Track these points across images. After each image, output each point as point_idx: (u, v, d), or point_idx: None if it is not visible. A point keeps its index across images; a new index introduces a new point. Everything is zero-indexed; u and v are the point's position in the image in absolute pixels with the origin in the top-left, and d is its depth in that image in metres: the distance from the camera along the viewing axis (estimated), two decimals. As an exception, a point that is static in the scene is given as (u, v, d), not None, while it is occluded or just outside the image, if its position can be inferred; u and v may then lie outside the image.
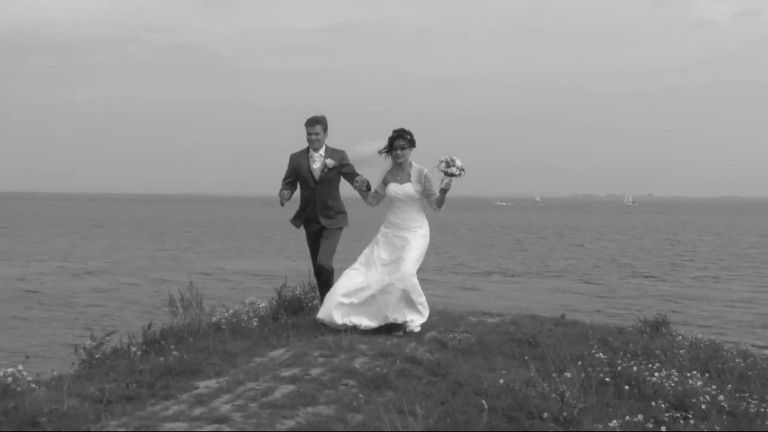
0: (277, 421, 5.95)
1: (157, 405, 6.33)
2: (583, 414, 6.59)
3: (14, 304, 32.61)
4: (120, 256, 55.97)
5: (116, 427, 5.77)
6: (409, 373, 7.42)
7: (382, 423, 5.68)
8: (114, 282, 40.54)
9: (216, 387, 6.80)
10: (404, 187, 9.55)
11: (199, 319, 9.38)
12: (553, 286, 41.30)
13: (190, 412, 6.15)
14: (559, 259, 58.01)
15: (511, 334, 9.45)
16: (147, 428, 5.75)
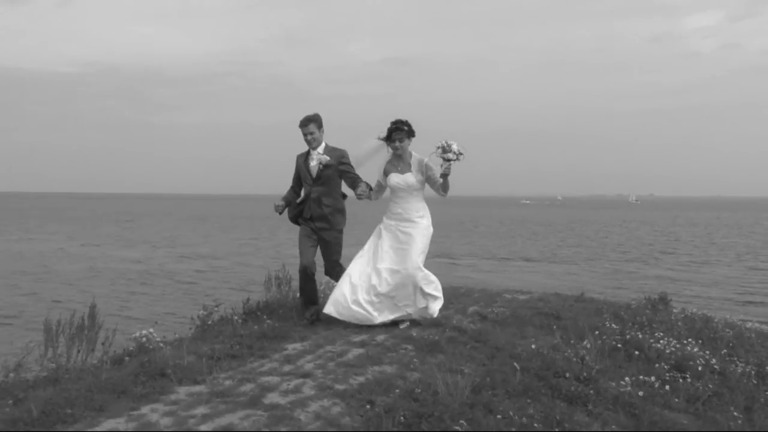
0: (350, 377, 6.01)
1: (255, 362, 6.42)
2: (600, 374, 6.59)
3: (139, 281, 33.09)
4: (221, 244, 56.46)
5: (223, 379, 5.87)
6: (456, 339, 7.44)
7: (435, 380, 5.71)
8: (216, 265, 40.95)
9: (301, 349, 6.89)
10: (405, 177, 8.27)
11: (287, 295, 9.48)
12: (569, 270, 41.15)
13: (281, 369, 6.24)
14: (573, 247, 57.71)
15: (539, 308, 9.42)
16: (249, 380, 5.85)
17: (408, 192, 8.27)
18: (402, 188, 8.27)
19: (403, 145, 8.23)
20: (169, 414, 4.97)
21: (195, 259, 43.95)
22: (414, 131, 8.30)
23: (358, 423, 5.01)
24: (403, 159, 8.31)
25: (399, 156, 8.30)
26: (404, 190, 8.26)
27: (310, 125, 8.41)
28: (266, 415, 5.02)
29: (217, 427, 4.72)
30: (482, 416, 5.17)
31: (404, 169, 8.28)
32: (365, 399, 5.45)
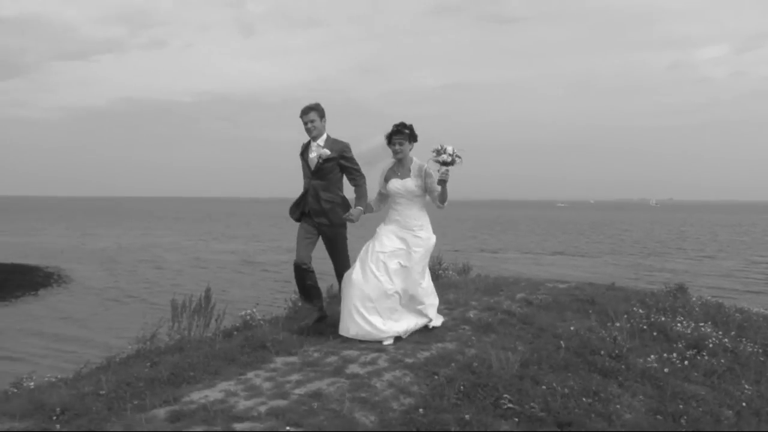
0: (418, 352, 6.00)
1: (338, 338, 6.45)
2: (629, 351, 6.53)
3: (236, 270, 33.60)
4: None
5: (312, 352, 5.92)
6: (507, 321, 7.38)
7: (489, 355, 5.70)
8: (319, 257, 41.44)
9: (376, 328, 6.91)
10: (405, 183, 6.82)
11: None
12: (598, 262, 40.93)
13: (359, 344, 6.24)
14: (601, 243, 57.35)
15: (576, 295, 9.32)
16: (333, 353, 5.90)
17: (408, 199, 6.85)
18: (401, 194, 6.85)
19: (404, 149, 6.83)
20: (270, 379, 5.04)
21: (281, 252, 44.43)
22: (416, 135, 6.92)
23: (425, 390, 5.02)
24: (403, 164, 6.92)
25: (400, 161, 6.92)
26: (404, 196, 6.85)
27: (311, 113, 6.90)
28: (348, 382, 5.05)
29: (308, 391, 4.77)
30: (530, 387, 5.15)
31: (404, 174, 6.87)
32: (430, 370, 5.46)
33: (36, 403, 4.40)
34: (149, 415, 4.21)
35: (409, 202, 6.85)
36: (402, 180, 6.85)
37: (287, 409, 4.36)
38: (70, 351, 18.47)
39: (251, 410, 4.34)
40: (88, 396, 4.54)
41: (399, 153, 6.83)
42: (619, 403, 5.21)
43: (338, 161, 6.95)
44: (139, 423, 4.03)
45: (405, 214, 6.84)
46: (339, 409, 4.43)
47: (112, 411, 4.26)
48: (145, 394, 4.54)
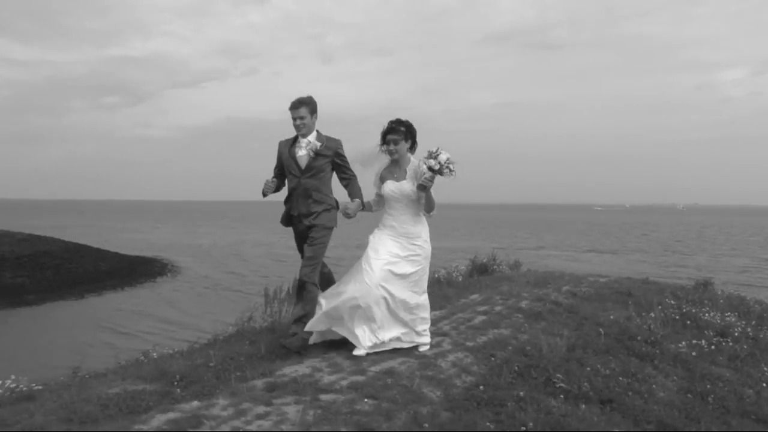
0: (477, 337, 5.95)
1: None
2: (663, 338, 6.41)
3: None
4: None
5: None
6: (554, 311, 7.28)
7: (539, 340, 5.62)
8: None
9: (439, 315, 6.83)
10: (401, 185, 5.37)
11: (429, 275, 9.45)
12: (631, 259, 40.23)
13: (427, 328, 6.23)
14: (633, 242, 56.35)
15: (615, 288, 9.18)
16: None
17: (404, 203, 5.40)
18: (397, 198, 5.41)
19: (399, 148, 5.34)
20: (349, 358, 5.04)
21: (350, 249, 44.71)
22: (414, 134, 5.42)
23: (484, 370, 4.96)
24: (400, 165, 5.45)
25: (396, 162, 5.46)
26: (400, 200, 5.41)
27: (302, 108, 5.45)
28: (417, 362, 5.01)
29: (382, 368, 4.75)
30: (576, 368, 5.06)
31: (401, 176, 5.42)
32: (488, 353, 5.40)
33: (161, 370, 4.51)
34: (249, 384, 4.26)
35: (406, 207, 5.41)
36: (398, 182, 5.41)
37: (365, 383, 4.36)
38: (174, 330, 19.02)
39: (334, 384, 4.35)
40: (200, 367, 4.63)
41: (394, 153, 5.36)
42: (654, 383, 5.14)
43: (332, 159, 5.54)
44: (242, 391, 4.09)
45: (401, 219, 5.41)
46: (409, 384, 4.41)
47: (220, 380, 4.33)
48: (246, 367, 4.60)
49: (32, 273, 26.29)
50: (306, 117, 5.43)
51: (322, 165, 5.48)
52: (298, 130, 5.48)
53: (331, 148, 5.53)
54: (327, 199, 5.52)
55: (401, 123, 5.34)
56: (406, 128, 5.34)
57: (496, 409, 4.15)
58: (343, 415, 3.73)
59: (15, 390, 4.53)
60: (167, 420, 3.59)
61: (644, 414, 4.43)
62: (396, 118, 5.35)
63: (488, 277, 10.20)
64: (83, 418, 3.61)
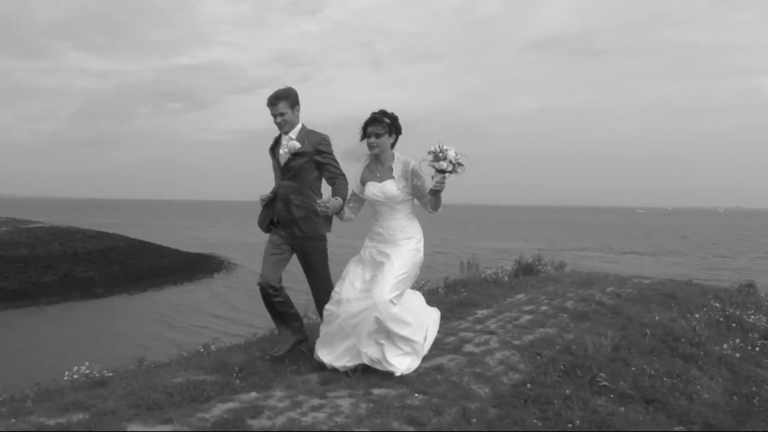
0: (523, 335, 5.88)
1: (455, 321, 6.37)
2: (707, 340, 6.26)
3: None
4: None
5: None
6: (599, 311, 7.15)
7: (585, 340, 5.52)
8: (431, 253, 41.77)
9: (487, 314, 6.78)
10: (384, 186, 4.50)
11: (476, 275, 9.40)
12: (673, 261, 39.36)
13: (474, 327, 6.17)
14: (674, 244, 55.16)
15: (659, 290, 8.96)
16: (451, 334, 5.81)
17: (389, 206, 4.53)
18: (380, 201, 4.53)
19: (381, 142, 4.47)
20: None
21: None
22: (399, 128, 4.56)
23: (530, 368, 4.90)
24: (382, 162, 4.56)
25: (377, 158, 4.57)
26: (384, 203, 4.53)
27: (280, 104, 4.57)
28: (465, 359, 4.98)
29: (432, 365, 4.72)
30: (621, 368, 4.98)
31: (384, 175, 4.54)
32: (535, 351, 5.33)
33: (221, 362, 4.57)
34: (304, 378, 4.29)
35: (392, 210, 4.54)
36: (381, 183, 4.53)
37: (415, 379, 4.34)
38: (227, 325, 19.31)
39: (385, 379, 4.32)
40: (257, 360, 4.67)
41: (375, 147, 4.50)
42: (699, 385, 5.03)
43: (312, 157, 4.63)
44: (297, 384, 4.11)
45: (387, 225, 4.55)
46: (458, 381, 4.38)
47: (276, 373, 4.36)
48: (301, 361, 4.62)
49: (101, 267, 27.03)
50: (287, 112, 4.59)
51: (302, 165, 4.62)
52: (280, 128, 4.68)
53: (311, 144, 4.62)
54: (310, 204, 4.60)
55: (385, 114, 4.50)
56: (390, 120, 4.50)
57: (543, 406, 4.09)
58: (395, 409, 3.72)
59: (89, 376, 4.66)
60: (227, 409, 3.64)
61: (690, 415, 4.33)
62: (380, 109, 4.53)
63: (533, 277, 10.08)
64: (150, 405, 3.69)
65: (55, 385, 4.68)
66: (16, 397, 4.25)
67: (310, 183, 4.67)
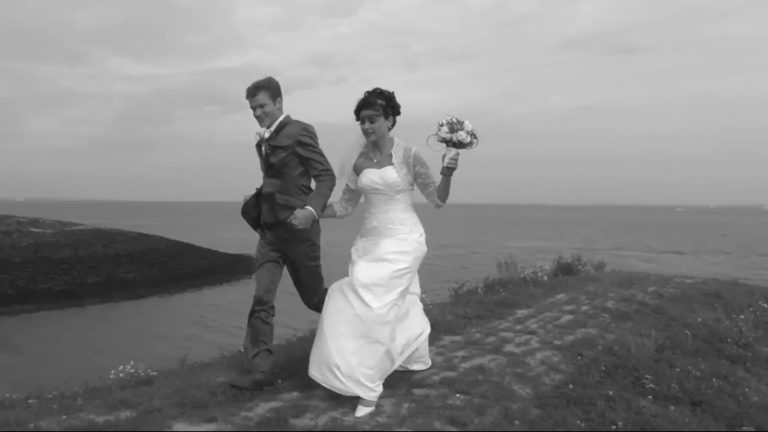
0: (564, 335, 5.81)
1: (495, 321, 6.33)
2: (755, 341, 6.09)
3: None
4: (457, 236, 57.00)
5: (474, 332, 5.83)
6: (641, 311, 7.02)
7: (627, 340, 5.43)
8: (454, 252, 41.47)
9: (527, 314, 6.72)
10: (384, 173, 3.92)
11: (514, 275, 9.31)
12: (714, 260, 38.50)
13: (514, 327, 6.12)
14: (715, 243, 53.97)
15: (702, 289, 8.76)
16: (492, 334, 5.77)
17: (388, 196, 3.95)
18: (378, 190, 3.95)
19: (376, 126, 3.91)
20: (440, 354, 5.00)
21: (437, 248, 44.63)
22: (398, 108, 3.99)
23: (572, 369, 4.84)
24: (380, 148, 4.01)
25: (375, 144, 4.01)
26: (382, 192, 3.95)
27: (259, 95, 4.07)
28: (506, 359, 4.94)
29: (473, 365, 4.70)
30: (665, 369, 4.86)
31: (384, 161, 3.98)
32: (576, 351, 5.27)
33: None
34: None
35: (390, 200, 3.97)
36: (380, 169, 3.96)
37: (456, 379, 4.32)
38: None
39: (427, 379, 4.33)
40: (299, 360, 4.68)
41: (371, 133, 3.94)
42: (747, 387, 4.88)
43: (294, 150, 4.08)
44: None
45: (384, 218, 3.97)
46: (499, 381, 4.35)
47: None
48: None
49: (142, 269, 27.50)
50: (267, 104, 4.10)
51: (282, 160, 4.10)
52: (260, 122, 4.16)
53: (290, 136, 4.08)
54: (296, 202, 4.10)
55: (379, 94, 3.92)
56: (385, 100, 3.93)
57: (586, 407, 4.03)
58: (436, 409, 3.71)
59: (134, 374, 4.74)
60: (270, 408, 3.67)
61: (739, 417, 4.22)
62: (374, 88, 3.96)
63: (573, 277, 9.95)
64: (195, 404, 3.73)
65: (102, 383, 4.77)
66: (65, 394, 4.34)
67: (294, 179, 4.14)
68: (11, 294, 22.56)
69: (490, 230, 70.38)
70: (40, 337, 17.71)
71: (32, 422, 3.47)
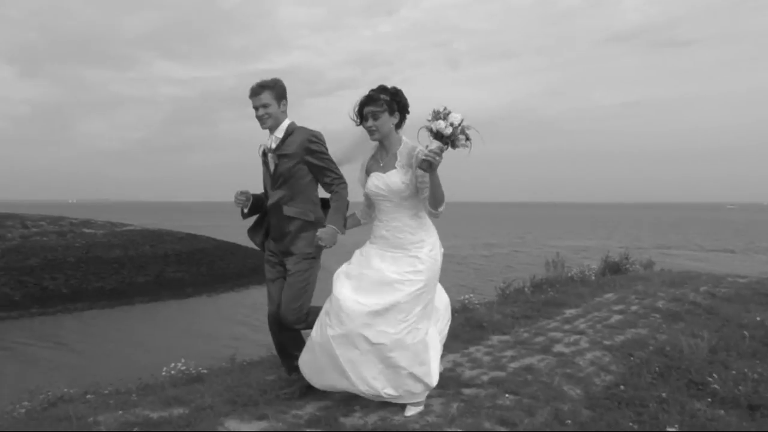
0: (614, 336, 5.72)
1: (543, 321, 6.27)
2: (817, 341, 5.85)
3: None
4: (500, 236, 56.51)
5: (522, 332, 5.77)
6: (693, 311, 6.85)
7: (679, 341, 5.30)
8: (497, 252, 41.08)
9: (575, 313, 6.64)
10: (388, 178, 3.59)
11: (562, 274, 9.20)
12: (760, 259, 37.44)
13: (562, 327, 6.05)
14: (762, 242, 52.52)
15: (757, 289, 8.49)
16: (540, 334, 5.71)
17: (394, 203, 3.61)
18: (384, 195, 3.63)
19: (379, 124, 3.57)
20: (488, 354, 4.97)
21: (478, 248, 44.28)
22: (404, 103, 3.62)
23: (623, 369, 4.75)
24: (386, 148, 3.67)
25: (383, 145, 3.68)
26: (388, 198, 3.62)
27: (264, 93, 3.77)
28: (555, 359, 4.88)
29: (521, 365, 4.67)
30: (720, 371, 4.71)
31: (388, 164, 3.64)
32: (626, 352, 5.17)
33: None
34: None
35: (397, 208, 3.62)
36: (384, 173, 3.63)
37: (505, 379, 4.29)
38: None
39: (475, 379, 4.31)
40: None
41: (375, 132, 3.61)
42: (810, 391, 4.66)
43: (303, 158, 3.79)
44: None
45: (393, 226, 3.63)
46: (549, 381, 4.29)
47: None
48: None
49: (189, 268, 27.97)
50: (271, 105, 3.80)
51: (290, 169, 3.80)
52: (262, 123, 3.86)
53: (297, 143, 3.79)
54: (305, 214, 3.83)
55: (383, 90, 3.60)
56: (390, 95, 3.58)
57: (638, 409, 3.95)
58: (486, 409, 3.69)
59: (185, 372, 4.82)
60: (320, 407, 3.69)
61: (800, 422, 4.07)
62: (378, 85, 3.64)
63: (621, 276, 9.78)
64: (245, 401, 3.78)
65: (154, 380, 4.85)
66: (120, 390, 4.44)
67: (304, 189, 3.85)
68: (65, 293, 23.21)
69: (534, 229, 69.58)
70: (93, 335, 18.18)
71: (91, 416, 3.57)
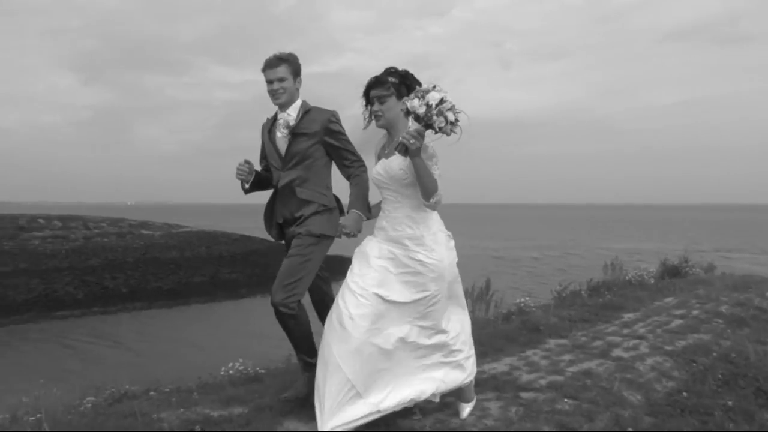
0: (675, 341, 5.56)
1: (601, 325, 6.16)
2: None
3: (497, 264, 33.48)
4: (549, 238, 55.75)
5: (580, 336, 5.68)
6: (759, 317, 6.62)
7: (745, 348, 5.12)
8: (548, 254, 40.53)
9: (634, 318, 6.50)
10: (388, 164, 3.23)
11: (619, 277, 9.00)
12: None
13: (621, 331, 5.93)
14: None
15: (822, 293, 8.18)
16: (598, 338, 5.61)
17: (395, 191, 3.25)
18: (385, 183, 3.29)
19: (385, 108, 3.24)
20: (545, 357, 4.91)
21: (529, 249, 43.73)
22: (417, 83, 3.21)
23: (685, 376, 4.62)
24: (393, 136, 3.34)
25: (388, 131, 3.36)
26: (390, 187, 3.27)
27: (281, 67, 3.50)
28: (614, 364, 4.78)
29: (580, 369, 4.59)
30: (791, 380, 4.55)
31: (393, 150, 3.22)
32: (688, 358, 5.02)
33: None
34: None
35: (399, 197, 3.26)
36: (387, 160, 3.30)
37: (563, 383, 4.22)
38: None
39: (533, 382, 4.25)
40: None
41: (380, 116, 3.27)
42: None
43: (322, 138, 3.53)
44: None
45: (393, 217, 3.28)
46: (608, 386, 4.21)
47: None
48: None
49: (243, 269, 28.45)
50: (287, 79, 3.53)
51: (307, 149, 3.53)
52: (275, 98, 3.57)
53: (317, 122, 3.53)
54: (319, 197, 3.56)
55: (392, 72, 3.27)
56: (399, 79, 3.26)
57: (702, 417, 3.83)
58: (545, 414, 3.63)
59: (243, 372, 4.89)
60: (376, 408, 3.69)
61: None
62: (387, 68, 3.31)
63: (681, 279, 9.52)
64: (303, 402, 3.81)
65: (213, 379, 4.94)
66: (181, 388, 4.53)
67: (318, 170, 3.58)
68: (125, 292, 23.89)
69: (587, 231, 68.32)
70: (151, 334, 18.65)
71: (154, 413, 3.65)
